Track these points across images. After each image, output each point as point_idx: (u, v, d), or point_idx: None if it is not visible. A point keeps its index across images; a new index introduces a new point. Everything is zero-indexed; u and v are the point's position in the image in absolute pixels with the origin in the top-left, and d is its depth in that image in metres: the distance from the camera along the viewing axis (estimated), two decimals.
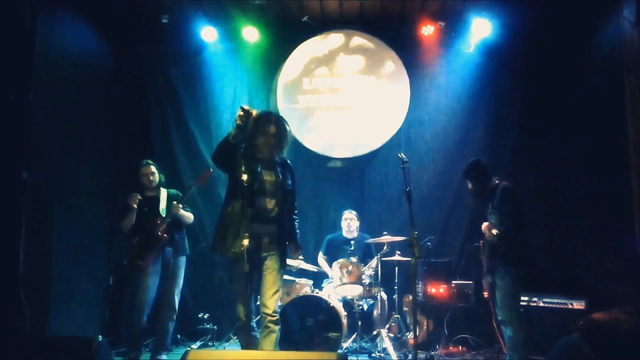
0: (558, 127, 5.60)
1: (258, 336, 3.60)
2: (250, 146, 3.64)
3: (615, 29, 4.90)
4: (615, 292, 4.51)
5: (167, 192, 4.89)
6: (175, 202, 4.66)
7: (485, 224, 4.13)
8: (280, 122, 3.73)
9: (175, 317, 4.70)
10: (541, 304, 4.67)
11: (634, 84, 4.58)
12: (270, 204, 3.65)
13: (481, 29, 5.90)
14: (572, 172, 5.38)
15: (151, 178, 4.81)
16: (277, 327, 3.54)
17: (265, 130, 3.62)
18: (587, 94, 5.31)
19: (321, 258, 5.68)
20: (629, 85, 4.65)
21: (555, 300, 4.63)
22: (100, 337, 3.36)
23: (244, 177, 3.38)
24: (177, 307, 4.70)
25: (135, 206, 4.67)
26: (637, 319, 3.43)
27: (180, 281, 4.77)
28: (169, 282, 4.67)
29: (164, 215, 4.67)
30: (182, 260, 4.81)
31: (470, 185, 4.31)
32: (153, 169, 4.84)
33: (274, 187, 3.67)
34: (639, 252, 4.27)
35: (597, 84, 5.18)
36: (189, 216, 4.89)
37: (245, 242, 3.28)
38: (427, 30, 6.05)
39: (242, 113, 3.50)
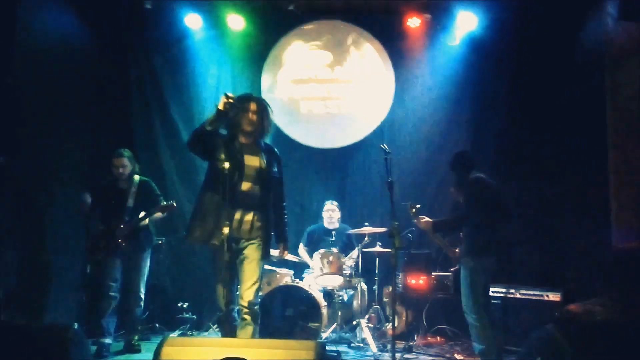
0: (540, 122, 5.65)
1: None
2: (232, 129, 3.58)
3: (598, 25, 4.95)
4: (590, 285, 4.58)
5: (139, 179, 4.80)
6: (140, 216, 4.63)
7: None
8: (260, 101, 3.70)
9: (142, 303, 4.74)
10: (517, 296, 4.72)
11: (615, 80, 4.64)
12: (254, 189, 3.56)
13: (467, 22, 5.91)
14: (552, 166, 5.43)
15: (121, 170, 4.71)
16: (252, 319, 3.46)
17: (245, 107, 3.55)
18: (570, 90, 5.36)
19: (302, 249, 5.67)
20: (609, 81, 4.71)
21: (531, 292, 4.68)
22: (75, 325, 3.34)
23: (226, 165, 3.34)
24: (143, 294, 4.72)
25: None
26: (611, 311, 3.51)
27: (145, 271, 4.77)
28: (132, 273, 4.69)
29: (126, 218, 4.62)
30: (147, 253, 4.79)
31: (454, 177, 4.34)
32: (125, 161, 4.72)
33: (257, 172, 3.57)
34: (614, 245, 4.35)
35: (580, 80, 5.23)
36: (157, 216, 4.80)
37: (226, 230, 3.25)
38: (413, 22, 6.04)
39: (225, 100, 3.39)
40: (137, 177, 4.80)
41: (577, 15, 5.29)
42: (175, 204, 4.67)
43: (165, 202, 4.68)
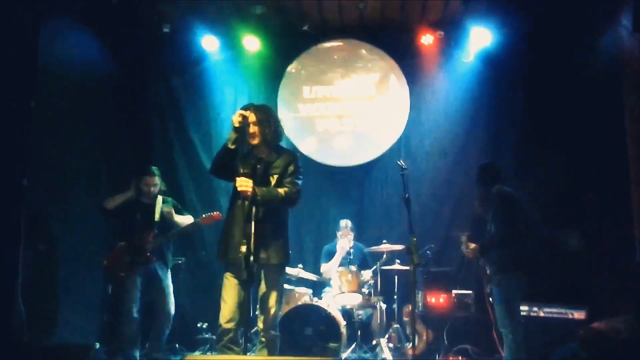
0: (558, 136, 5.60)
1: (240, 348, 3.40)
2: (244, 144, 3.55)
3: (613, 37, 4.92)
4: (615, 302, 4.48)
5: (163, 199, 4.88)
6: (168, 210, 4.74)
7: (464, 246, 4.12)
8: (258, 109, 3.56)
9: (170, 324, 4.74)
10: (541, 314, 4.61)
11: (632, 92, 4.59)
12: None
13: (480, 38, 5.91)
14: (572, 181, 5.37)
15: (152, 189, 4.79)
16: (269, 342, 3.43)
17: (247, 120, 3.49)
18: (586, 103, 5.31)
19: (325, 267, 5.61)
20: (627, 93, 4.66)
21: (555, 310, 4.58)
22: (97, 345, 3.36)
23: (237, 180, 3.34)
24: (172, 314, 4.73)
25: (130, 195, 4.72)
26: (637, 329, 3.41)
27: (169, 289, 4.77)
28: (161, 292, 4.69)
29: (156, 231, 4.67)
30: (169, 271, 4.83)
31: (478, 191, 4.30)
32: (157, 180, 4.83)
33: (267, 182, 3.50)
34: (638, 262, 4.26)
35: (598, 93, 5.18)
36: (185, 222, 4.87)
37: (243, 248, 3.16)
38: (427, 39, 6.07)
39: (240, 118, 3.41)
40: (160, 197, 4.87)
41: (592, 29, 5.26)
42: (220, 214, 4.62)
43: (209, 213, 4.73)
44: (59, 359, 3.26)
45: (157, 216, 4.75)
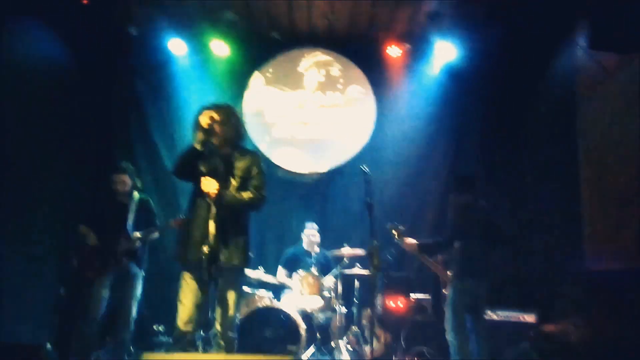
0: (516, 149, 5.82)
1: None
2: (206, 144, 3.52)
3: (570, 56, 5.15)
4: (564, 306, 4.65)
5: (140, 196, 4.75)
6: (137, 234, 4.56)
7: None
8: (220, 107, 3.52)
9: (132, 328, 4.62)
10: (494, 317, 4.77)
11: (586, 108, 4.81)
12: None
13: (445, 52, 6.08)
14: (527, 191, 5.58)
15: (119, 187, 4.65)
16: (226, 346, 3.39)
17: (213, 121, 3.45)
18: (544, 119, 5.54)
19: (280, 272, 5.64)
20: (581, 109, 4.88)
21: (507, 314, 4.74)
22: (48, 345, 3.28)
23: (202, 179, 3.35)
24: (133, 318, 4.61)
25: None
26: (585, 331, 3.57)
27: (138, 292, 4.67)
28: (127, 295, 4.56)
29: (129, 232, 4.54)
30: (141, 273, 4.73)
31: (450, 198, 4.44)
32: (124, 177, 4.68)
33: (229, 182, 3.48)
34: (586, 268, 4.44)
35: (555, 108, 5.41)
36: (154, 235, 4.78)
37: (205, 248, 3.15)
38: (393, 51, 6.22)
39: (209, 120, 3.37)
40: (136, 194, 4.74)
41: (551, 47, 5.50)
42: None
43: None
44: (9, 357, 3.17)
45: (131, 217, 4.60)
